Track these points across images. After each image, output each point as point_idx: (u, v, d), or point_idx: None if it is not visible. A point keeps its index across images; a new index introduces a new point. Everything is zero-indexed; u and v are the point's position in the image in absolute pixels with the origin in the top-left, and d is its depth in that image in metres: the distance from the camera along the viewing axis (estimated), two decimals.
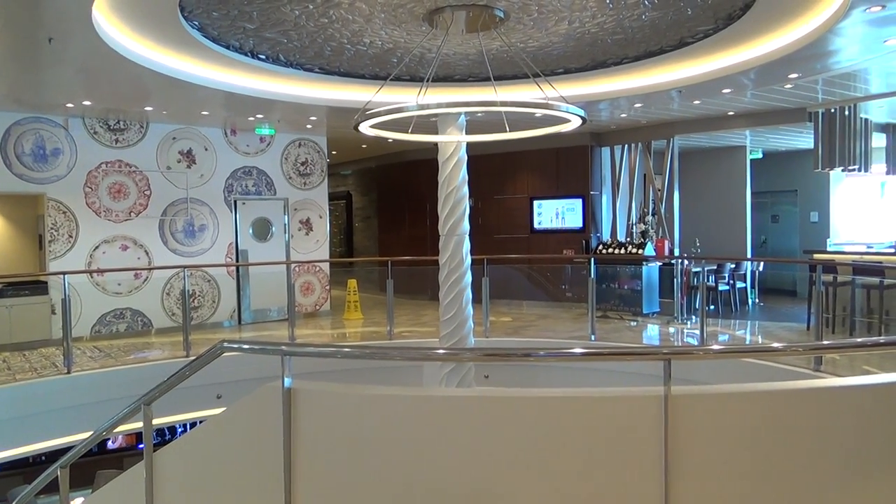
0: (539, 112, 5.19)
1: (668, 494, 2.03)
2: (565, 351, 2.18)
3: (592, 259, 8.93)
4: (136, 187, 9.95)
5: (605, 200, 12.36)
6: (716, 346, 1.79)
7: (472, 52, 6.78)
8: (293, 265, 10.83)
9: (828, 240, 11.35)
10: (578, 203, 12.00)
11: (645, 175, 12.12)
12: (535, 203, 12.46)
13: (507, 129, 6.10)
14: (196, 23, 5.77)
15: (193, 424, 7.50)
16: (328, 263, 12.07)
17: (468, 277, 8.02)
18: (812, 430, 2.03)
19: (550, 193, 12.38)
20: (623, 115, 10.41)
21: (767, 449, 2.06)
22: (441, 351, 2.42)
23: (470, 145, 7.69)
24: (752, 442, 2.05)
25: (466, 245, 7.97)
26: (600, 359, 1.98)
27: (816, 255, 10.14)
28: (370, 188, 16.09)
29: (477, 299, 8.99)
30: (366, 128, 5.58)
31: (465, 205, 7.92)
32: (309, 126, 10.66)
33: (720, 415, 2.03)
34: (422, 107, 5.00)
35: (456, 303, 7.94)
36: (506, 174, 12.84)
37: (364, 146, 13.21)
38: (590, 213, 12.00)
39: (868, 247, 11.56)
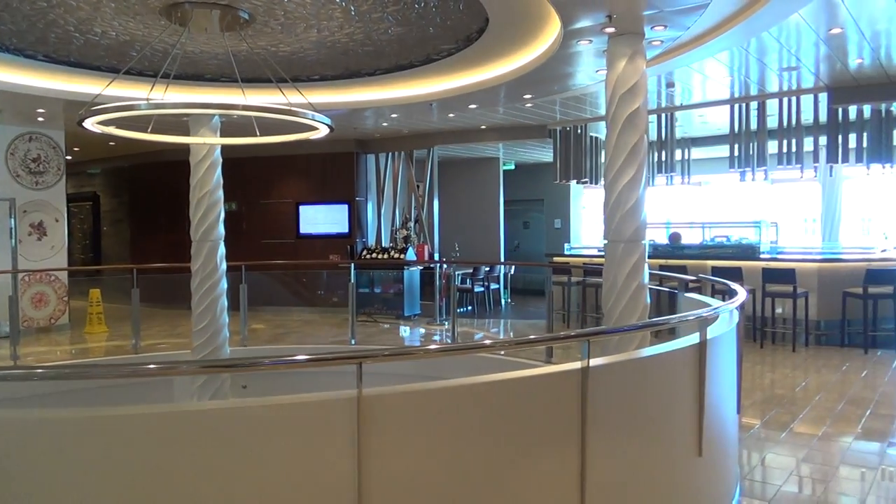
0: (283, 118, 5.14)
1: (361, 491, 2.13)
2: (286, 358, 2.22)
3: (353, 264, 9.07)
4: None
5: (371, 206, 12.63)
6: (402, 349, 1.93)
7: (221, 51, 6.54)
8: (20, 274, 9.58)
9: (566, 244, 12.69)
10: (344, 209, 12.12)
11: (408, 182, 12.59)
12: (302, 208, 12.36)
13: (258, 133, 5.99)
14: None
15: None
16: (66, 272, 10.85)
17: (223, 284, 7.73)
18: (482, 418, 2.28)
19: (317, 199, 12.35)
20: (385, 125, 10.72)
21: (448, 437, 2.26)
22: (152, 366, 2.29)
23: (232, 147, 7.43)
24: (436, 432, 2.24)
25: (221, 251, 7.68)
26: (302, 366, 2.04)
27: (556, 259, 11.28)
28: (121, 189, 14.76)
29: (237, 307, 8.70)
30: (92, 124, 5.11)
31: (220, 209, 7.63)
32: (41, 119, 9.52)
33: (407, 411, 2.18)
34: (155, 106, 4.72)
35: (210, 311, 7.61)
36: (272, 178, 12.58)
37: (112, 143, 12.10)
38: (355, 219, 12.17)
39: (599, 250, 13.12)
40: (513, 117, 10.48)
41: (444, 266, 11.11)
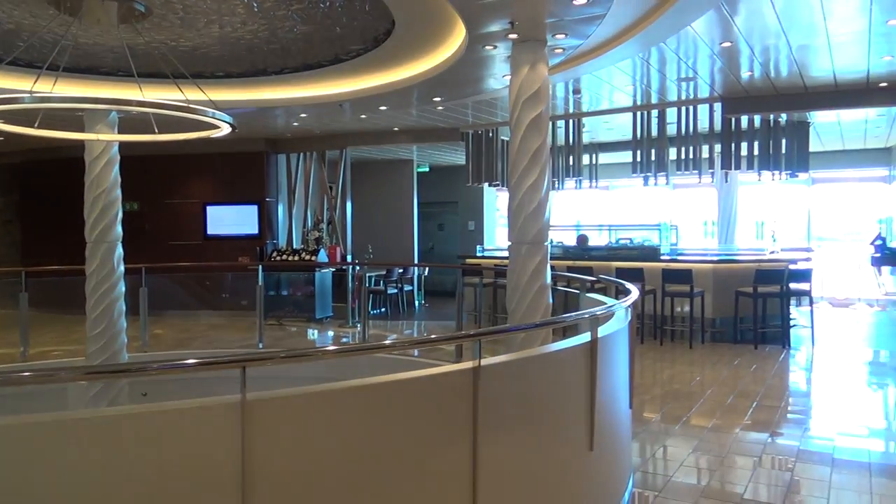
0: (181, 115, 4.97)
1: (246, 495, 2.09)
2: (174, 363, 2.15)
3: (261, 266, 8.87)
4: None
5: (282, 208, 12.38)
6: (289, 351, 1.91)
7: (117, 44, 6.25)
8: None
9: (479, 246, 12.85)
10: (254, 210, 11.83)
11: (320, 183, 12.42)
12: (209, 208, 11.98)
13: (157, 130, 5.77)
14: None
15: None
16: None
17: (121, 288, 7.40)
18: (372, 419, 2.29)
19: (225, 199, 12.00)
20: (296, 124, 10.55)
21: (339, 440, 2.25)
22: (27, 373, 2.14)
23: (133, 145, 7.11)
24: (325, 435, 2.22)
25: (119, 252, 7.35)
26: (193, 371, 1.97)
27: (468, 260, 11.40)
28: (11, 187, 13.86)
29: (138, 312, 8.34)
30: None
31: (118, 208, 7.31)
32: None
33: (294, 414, 2.16)
34: (40, 99, 4.46)
35: (106, 316, 7.27)
36: (177, 178, 12.13)
37: (0, 138, 11.35)
38: (266, 220, 11.91)
39: None
40: (426, 120, 10.53)
41: (357, 268, 11.03)
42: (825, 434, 5.29)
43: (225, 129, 5.45)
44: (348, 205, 12.14)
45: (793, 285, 8.83)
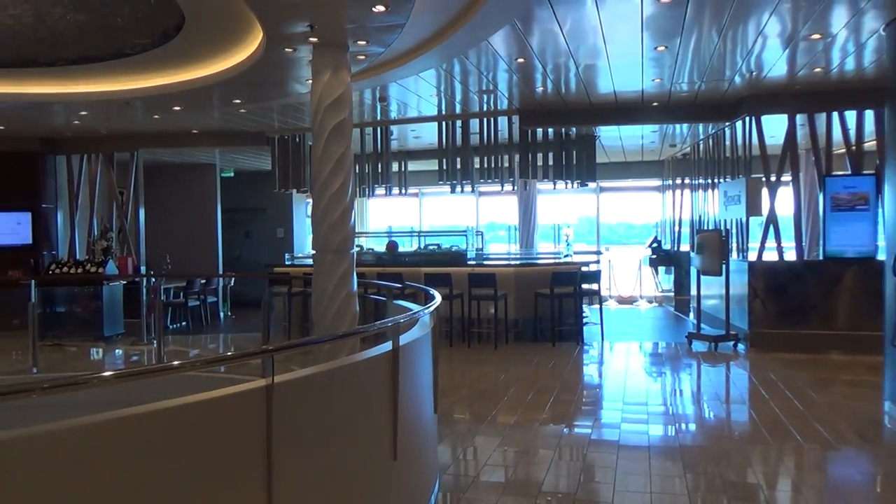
0: None
1: None
2: None
3: (33, 281, 7.85)
4: None
5: (61, 215, 11.11)
6: (49, 381, 1.66)
7: None
8: None
9: (287, 254, 12.44)
10: (27, 217, 10.50)
11: (108, 188, 11.32)
12: None
13: None
14: None
15: None
16: None
17: None
18: (147, 452, 2.05)
19: None
20: (77, 123, 9.52)
21: (102, 479, 1.98)
22: None
23: None
24: (83, 476, 1.95)
25: None
26: None
27: (277, 269, 11.00)
28: None
29: None
30: None
31: None
32: None
33: (45, 454, 1.86)
34: None
35: None
36: None
37: None
38: (42, 229, 10.62)
39: None
40: (229, 123, 10.01)
41: (153, 280, 10.18)
42: (613, 422, 5.75)
43: None
44: (141, 212, 11.19)
45: (584, 286, 9.56)
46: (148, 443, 2.08)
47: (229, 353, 2.94)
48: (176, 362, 2.39)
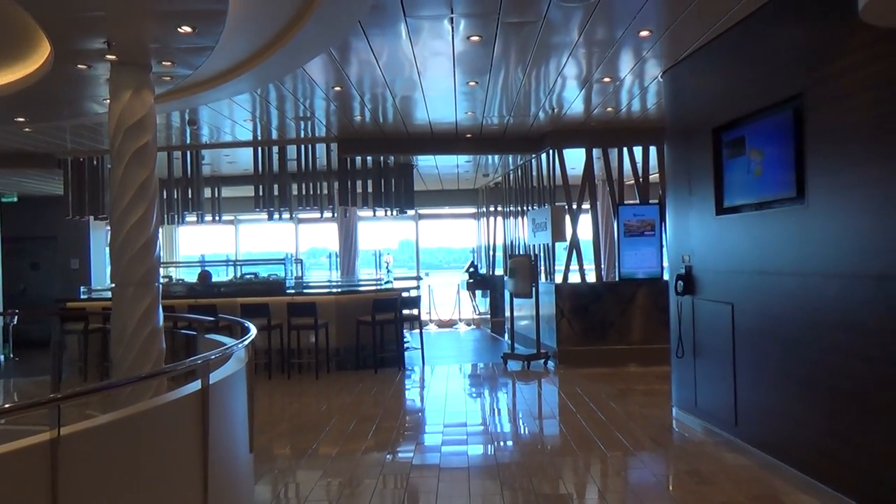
0: None
1: None
2: None
3: None
4: None
5: None
6: None
7: None
8: None
9: (83, 287, 11.30)
10: None
11: None
12: None
13: None
14: None
15: None
16: None
17: None
18: None
19: None
20: None
21: None
22: None
23: None
24: None
25: None
26: None
27: (70, 304, 9.96)
28: None
29: None
30: None
31: None
32: None
33: None
34: None
35: None
36: None
37: None
38: None
39: None
40: (11, 143, 8.95)
41: None
42: (434, 445, 5.85)
43: None
44: None
45: (405, 311, 9.68)
46: None
47: (7, 406, 2.58)
48: None
